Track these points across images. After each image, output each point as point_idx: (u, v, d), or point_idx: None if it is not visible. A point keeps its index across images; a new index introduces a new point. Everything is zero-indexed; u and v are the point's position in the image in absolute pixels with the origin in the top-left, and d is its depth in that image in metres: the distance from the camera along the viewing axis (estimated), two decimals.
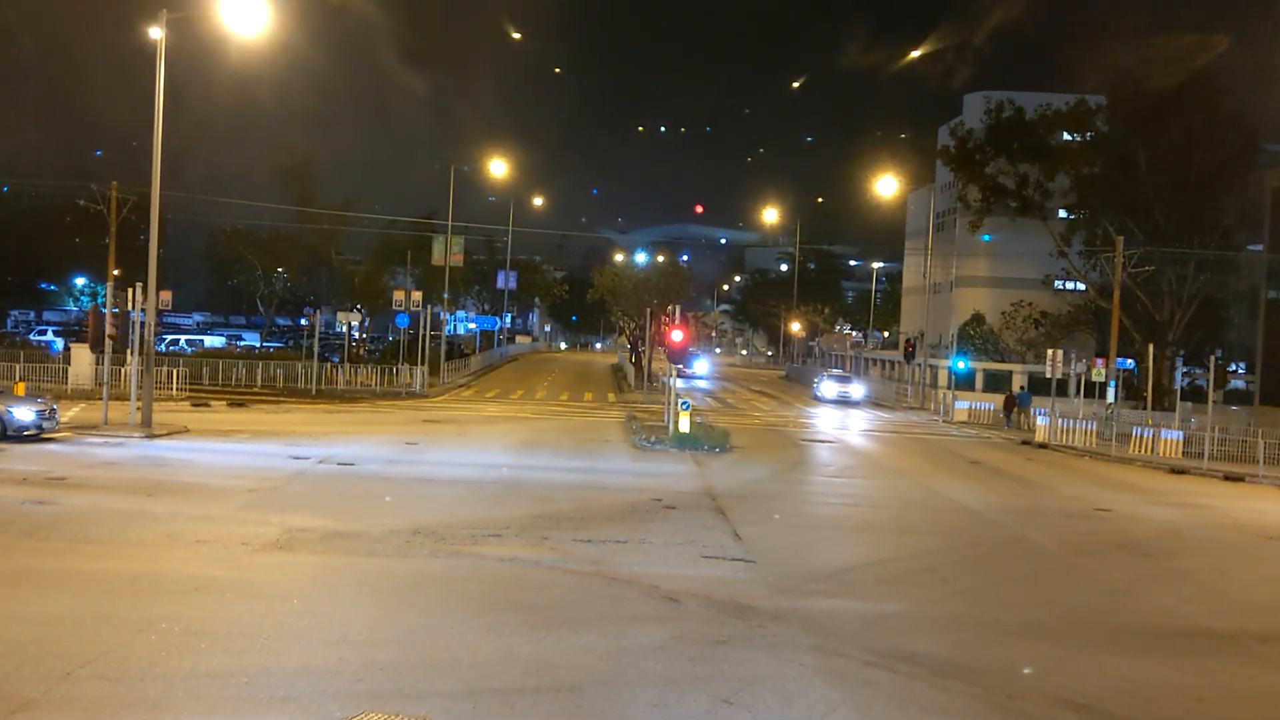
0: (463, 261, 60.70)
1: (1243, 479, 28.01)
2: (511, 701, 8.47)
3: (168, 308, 34.90)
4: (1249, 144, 49.62)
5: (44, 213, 73.34)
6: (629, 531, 15.71)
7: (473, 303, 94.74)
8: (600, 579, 12.69)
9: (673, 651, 9.96)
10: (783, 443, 32.06)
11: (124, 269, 41.96)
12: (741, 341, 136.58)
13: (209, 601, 10.87)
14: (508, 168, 61.68)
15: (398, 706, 8.22)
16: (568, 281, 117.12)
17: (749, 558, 14.42)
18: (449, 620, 10.65)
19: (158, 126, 26.52)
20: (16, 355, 40.00)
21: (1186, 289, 49.62)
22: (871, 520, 18.84)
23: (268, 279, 75.20)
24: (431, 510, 16.63)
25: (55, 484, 17.66)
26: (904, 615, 12.07)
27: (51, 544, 13.26)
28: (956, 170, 58.77)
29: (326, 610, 10.80)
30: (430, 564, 13.09)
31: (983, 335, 65.11)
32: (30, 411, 23.45)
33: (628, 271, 65.64)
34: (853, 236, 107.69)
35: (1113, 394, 37.36)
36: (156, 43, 26.20)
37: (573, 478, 21.44)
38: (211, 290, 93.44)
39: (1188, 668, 10.59)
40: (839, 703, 8.87)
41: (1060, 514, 20.81)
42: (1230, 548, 18.24)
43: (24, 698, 7.98)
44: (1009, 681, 9.72)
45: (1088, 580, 14.89)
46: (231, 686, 8.47)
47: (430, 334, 49.61)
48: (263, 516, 15.51)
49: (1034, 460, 31.13)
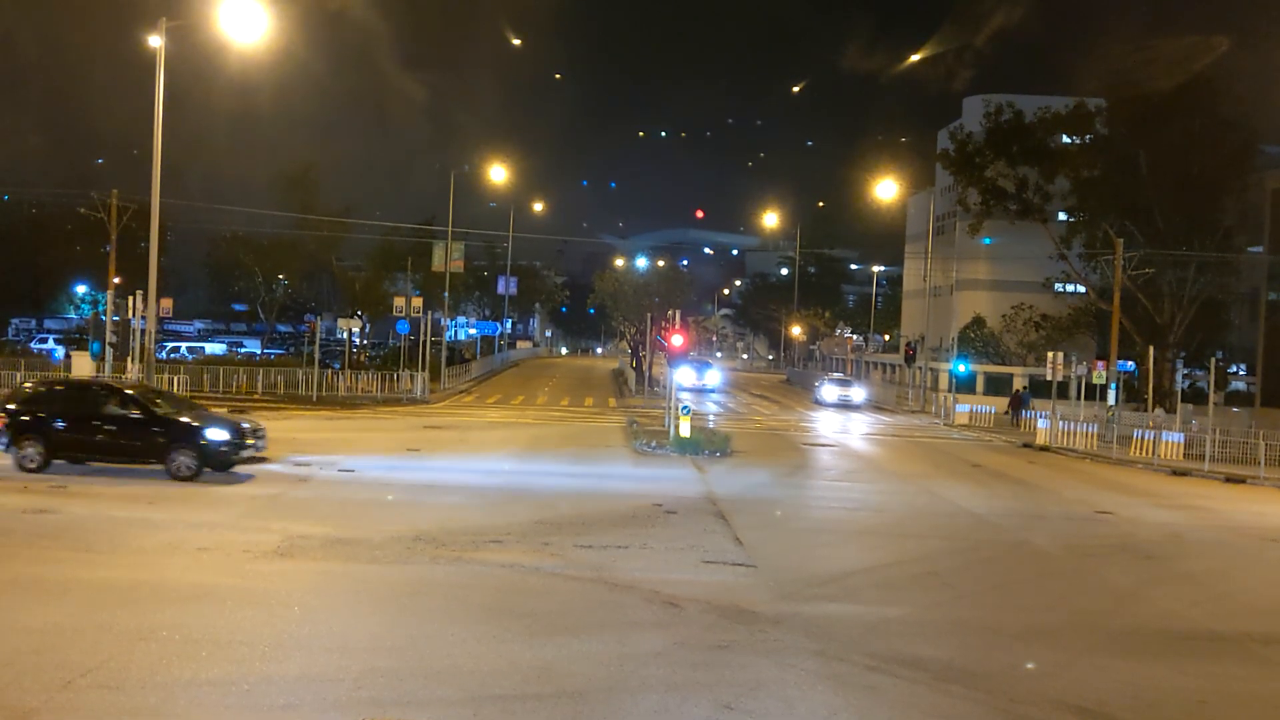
0: (463, 267, 60.74)
1: (1244, 481, 27.97)
2: (513, 708, 8.45)
3: (168, 315, 35.03)
4: (1249, 145, 49.61)
5: (45, 221, 73.47)
6: (630, 537, 15.69)
7: (473, 308, 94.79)
8: (601, 585, 12.67)
9: (674, 657, 9.94)
10: (784, 447, 32.04)
11: (125, 277, 41.95)
12: (742, 346, 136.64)
13: (209, 609, 10.85)
14: (508, 173, 61.80)
15: (399, 714, 8.20)
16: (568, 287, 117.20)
17: (750, 563, 14.40)
18: (450, 627, 10.63)
19: (157, 134, 26.57)
20: (18, 363, 40.07)
21: (1187, 291, 49.57)
22: (873, 524, 18.81)
23: (268, 286, 75.27)
24: (432, 517, 16.61)
25: (55, 491, 17.65)
26: (906, 620, 12.04)
27: (52, 552, 13.24)
28: (956, 173, 58.78)
29: (327, 618, 10.78)
30: (431, 571, 13.08)
31: (983, 338, 65.11)
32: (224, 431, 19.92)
33: (628, 276, 65.72)
34: (853, 240, 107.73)
35: (1113, 396, 37.32)
36: (156, 51, 26.26)
37: (574, 483, 21.42)
38: (212, 297, 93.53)
39: (1191, 671, 10.56)
40: (841, 708, 8.85)
41: (1062, 517, 20.79)
42: (1232, 550, 18.20)
43: (25, 707, 7.97)
44: (1012, 685, 9.69)
45: (1090, 583, 14.86)
46: (232, 695, 8.46)
47: (431, 340, 49.64)
48: (263, 524, 15.50)
49: (1035, 463, 31.10)
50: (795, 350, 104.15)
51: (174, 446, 19.37)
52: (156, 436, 19.59)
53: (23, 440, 19.52)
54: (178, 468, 19.23)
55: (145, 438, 19.63)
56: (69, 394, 21.26)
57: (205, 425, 19.92)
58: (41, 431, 19.59)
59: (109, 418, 19.87)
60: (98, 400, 20.40)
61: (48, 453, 19.51)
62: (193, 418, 20.41)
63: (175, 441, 19.44)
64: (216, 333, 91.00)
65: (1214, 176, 47.57)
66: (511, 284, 79.03)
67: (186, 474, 19.20)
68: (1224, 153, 47.42)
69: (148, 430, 19.65)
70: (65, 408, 20.17)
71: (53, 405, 20.23)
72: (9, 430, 19.61)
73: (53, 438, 19.62)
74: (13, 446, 19.57)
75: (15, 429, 19.61)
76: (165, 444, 19.45)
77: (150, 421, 19.76)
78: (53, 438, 19.62)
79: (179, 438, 19.53)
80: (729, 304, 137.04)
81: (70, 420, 19.85)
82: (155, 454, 19.53)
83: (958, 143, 57.53)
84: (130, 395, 20.40)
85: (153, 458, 19.56)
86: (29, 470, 19.25)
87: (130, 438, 19.70)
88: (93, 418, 19.91)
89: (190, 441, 19.49)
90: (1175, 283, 49.54)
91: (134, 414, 19.82)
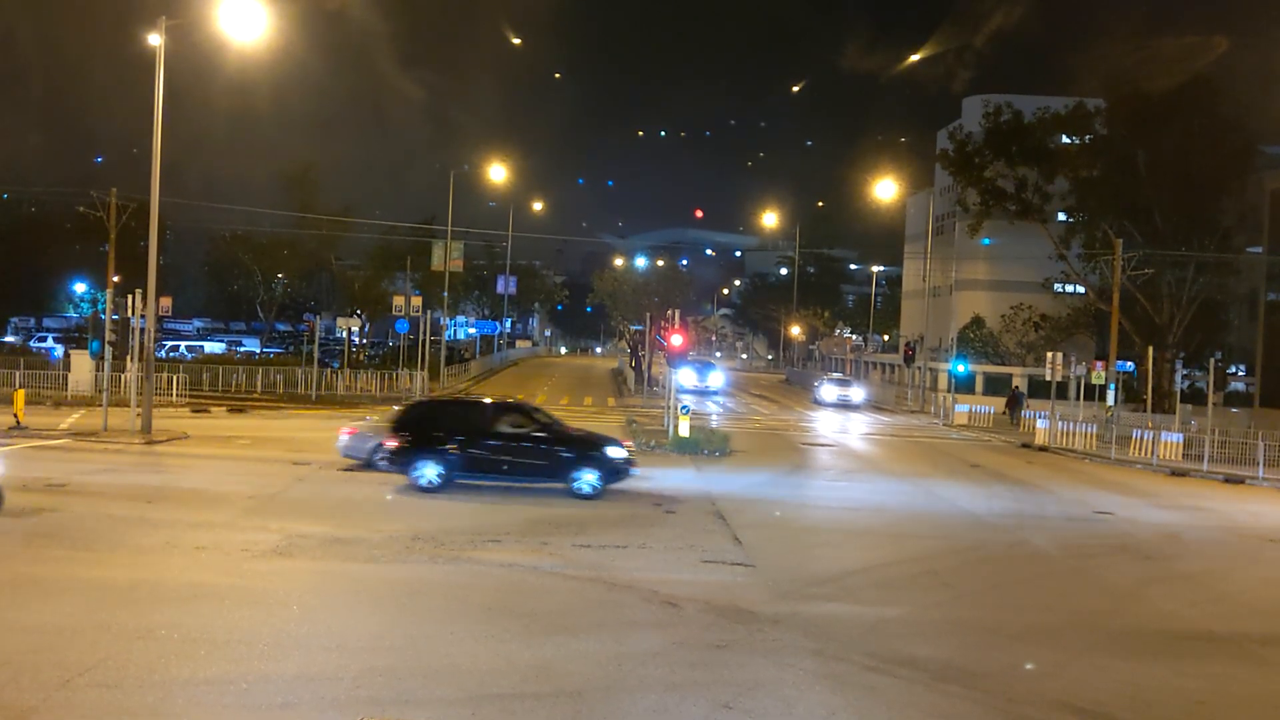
0: (462, 267, 60.69)
1: (1243, 481, 27.97)
2: (511, 708, 8.45)
3: (168, 314, 34.99)
4: (1248, 146, 49.66)
5: (44, 220, 73.41)
6: (628, 536, 15.69)
7: (473, 308, 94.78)
8: (600, 584, 12.67)
9: (672, 657, 9.94)
10: (783, 446, 32.04)
11: (124, 275, 41.94)
12: (741, 346, 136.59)
13: (208, 608, 10.85)
14: (507, 172, 61.66)
15: (397, 713, 8.20)
16: (568, 286, 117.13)
17: (749, 562, 14.39)
18: (448, 626, 10.63)
19: (157, 133, 26.55)
20: (16, 362, 39.99)
21: (1186, 291, 49.61)
22: (872, 524, 18.81)
23: (267, 284, 75.22)
24: (430, 516, 16.60)
25: (54, 490, 17.64)
26: (905, 619, 12.04)
27: (50, 551, 13.23)
28: (955, 174, 58.84)
29: (326, 617, 10.78)
30: (429, 570, 13.07)
31: (982, 338, 65.15)
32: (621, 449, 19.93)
33: (627, 276, 65.78)
34: (852, 240, 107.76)
35: (1112, 397, 37.33)
36: (156, 49, 26.23)
37: None
38: (211, 296, 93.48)
39: (1189, 671, 10.56)
40: (839, 708, 8.85)
41: (1061, 517, 20.79)
42: (1231, 551, 18.20)
43: (23, 706, 7.96)
44: (1010, 685, 9.69)
45: (1089, 583, 14.87)
46: (230, 694, 8.45)
47: (430, 339, 49.65)
48: (262, 523, 15.50)
49: (1034, 463, 31.10)
50: (794, 350, 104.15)
51: (579, 464, 19.02)
52: (561, 454, 19.22)
53: (420, 460, 18.92)
54: (580, 486, 18.88)
55: (550, 456, 19.19)
56: (462, 411, 20.85)
57: (606, 443, 19.82)
58: (439, 451, 19.01)
59: (509, 436, 19.42)
60: (495, 418, 20.01)
61: (447, 473, 18.96)
62: (585, 435, 20.33)
63: (580, 459, 19.12)
64: (216, 331, 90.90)
65: (1213, 176, 47.60)
66: (511, 283, 79.03)
67: (590, 493, 18.84)
68: (1223, 153, 47.45)
69: (552, 448, 19.28)
70: (460, 425, 19.57)
71: (447, 423, 19.68)
72: (406, 451, 19.06)
73: (450, 457, 19.04)
74: (410, 466, 19.01)
75: (412, 449, 19.05)
76: (571, 462, 19.08)
77: (555, 439, 19.46)
78: (450, 457, 19.04)
79: (584, 456, 19.23)
80: (728, 304, 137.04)
81: (468, 438, 19.23)
82: (559, 472, 19.10)
83: (957, 143, 57.57)
84: (532, 412, 20.18)
85: (555, 476, 19.12)
86: (426, 491, 18.68)
87: (534, 456, 19.17)
88: (491, 435, 19.40)
89: (596, 459, 19.18)
90: (1174, 283, 49.58)
91: (536, 431, 19.48)
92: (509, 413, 20.35)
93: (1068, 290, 61.45)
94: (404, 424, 19.72)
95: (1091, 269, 52.73)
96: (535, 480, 19.25)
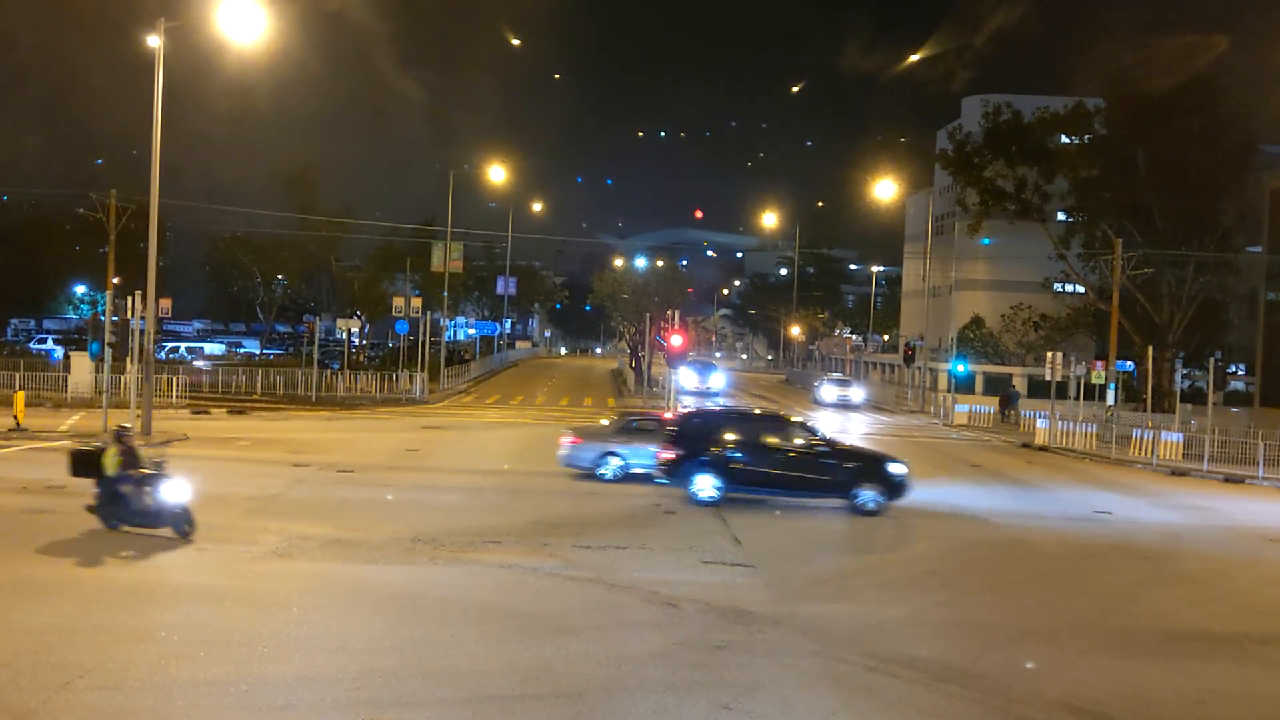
0: (462, 268, 60.69)
1: (1243, 481, 27.97)
2: (511, 709, 8.46)
3: (167, 315, 34.96)
4: (1248, 145, 49.63)
5: (44, 221, 73.39)
6: (629, 538, 15.69)
7: (472, 308, 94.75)
8: (600, 585, 12.68)
9: (673, 658, 9.94)
10: None
11: (124, 277, 41.92)
12: (741, 346, 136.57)
13: (208, 610, 10.85)
14: (507, 173, 61.65)
15: (398, 714, 8.21)
16: (567, 287, 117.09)
17: (749, 563, 14.40)
18: (449, 628, 10.64)
19: (156, 134, 26.55)
20: (16, 364, 39.99)
21: (1186, 291, 49.59)
22: (871, 524, 18.80)
23: (267, 286, 75.29)
24: (431, 517, 16.61)
25: (54, 491, 17.63)
26: (904, 620, 12.05)
27: (50, 552, 13.23)
28: (955, 174, 58.82)
29: (326, 618, 10.78)
30: (430, 571, 13.08)
31: (982, 338, 65.13)
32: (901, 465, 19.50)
33: (627, 276, 65.67)
34: (852, 240, 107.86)
35: (1112, 396, 37.33)
36: (155, 51, 26.23)
37: (573, 483, 21.40)
38: (211, 297, 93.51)
39: (1189, 671, 10.57)
40: (839, 708, 8.86)
41: (1061, 517, 20.79)
42: (1231, 550, 18.20)
43: (23, 707, 7.97)
44: (1010, 685, 9.70)
45: (1089, 583, 14.86)
46: (230, 695, 8.46)
47: (430, 340, 49.64)
48: (262, 524, 15.50)
49: (1034, 463, 31.10)
50: (794, 350, 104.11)
51: (862, 480, 18.76)
52: (844, 470, 18.96)
53: (698, 472, 18.80)
54: (864, 502, 18.62)
55: (832, 471, 18.91)
56: (737, 424, 20.54)
57: (888, 459, 19.52)
58: (717, 464, 18.86)
59: (788, 449, 19.14)
60: (771, 431, 19.85)
61: (725, 486, 18.77)
62: (866, 451, 20.06)
63: (863, 475, 18.86)
64: (215, 332, 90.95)
65: (1213, 176, 47.57)
66: (510, 284, 78.98)
67: (873, 509, 18.57)
68: (1223, 152, 47.43)
69: (835, 463, 19.05)
70: (735, 438, 19.37)
71: (721, 436, 19.44)
72: (682, 463, 18.92)
73: (728, 469, 18.85)
74: (687, 479, 18.92)
75: (689, 461, 18.92)
76: (853, 477, 18.80)
77: (836, 454, 19.28)
78: (728, 469, 18.85)
79: (867, 472, 18.98)
80: (728, 304, 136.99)
81: (744, 452, 19.05)
82: (840, 488, 18.81)
83: (957, 143, 57.55)
84: (812, 427, 19.92)
85: (837, 492, 18.84)
86: (704, 504, 18.59)
87: (816, 470, 18.86)
88: (769, 449, 19.15)
89: (879, 475, 18.91)
90: (1174, 283, 49.55)
91: (818, 446, 19.24)
92: (785, 426, 20.13)
93: (1067, 290, 61.41)
94: (678, 436, 19.47)
95: (1091, 269, 52.70)
96: (816, 496, 18.97)
